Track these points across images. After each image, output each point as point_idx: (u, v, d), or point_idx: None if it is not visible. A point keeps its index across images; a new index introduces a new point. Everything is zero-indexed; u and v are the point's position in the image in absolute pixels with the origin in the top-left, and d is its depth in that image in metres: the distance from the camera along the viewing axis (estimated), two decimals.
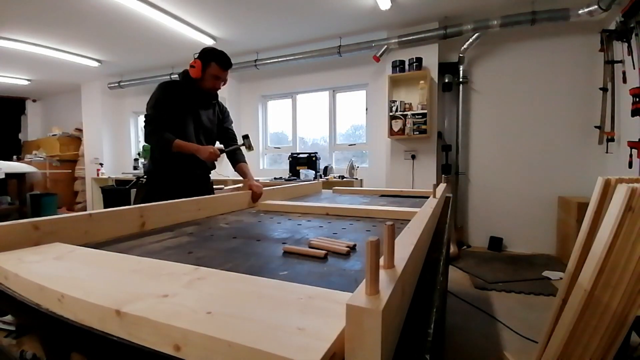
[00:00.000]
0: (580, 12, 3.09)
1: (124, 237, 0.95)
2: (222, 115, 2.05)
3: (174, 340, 0.36)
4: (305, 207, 1.46)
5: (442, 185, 1.89)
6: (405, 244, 0.53)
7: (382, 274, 0.37)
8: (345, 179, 4.19)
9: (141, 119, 6.53)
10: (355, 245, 0.82)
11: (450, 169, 3.96)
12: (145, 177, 1.94)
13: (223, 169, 5.23)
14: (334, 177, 4.25)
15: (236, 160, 1.96)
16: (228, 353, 0.32)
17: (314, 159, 4.56)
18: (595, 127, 3.35)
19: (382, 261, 0.40)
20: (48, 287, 0.48)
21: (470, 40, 3.66)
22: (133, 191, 4.76)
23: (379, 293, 0.32)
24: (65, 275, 0.54)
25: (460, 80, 3.89)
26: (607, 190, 1.43)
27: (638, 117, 2.62)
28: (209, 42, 4.28)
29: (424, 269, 0.67)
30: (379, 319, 0.28)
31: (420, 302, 0.51)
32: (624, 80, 2.92)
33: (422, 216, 0.85)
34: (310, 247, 0.80)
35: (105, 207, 5.82)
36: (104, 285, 0.50)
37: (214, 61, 1.78)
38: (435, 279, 0.61)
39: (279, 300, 0.43)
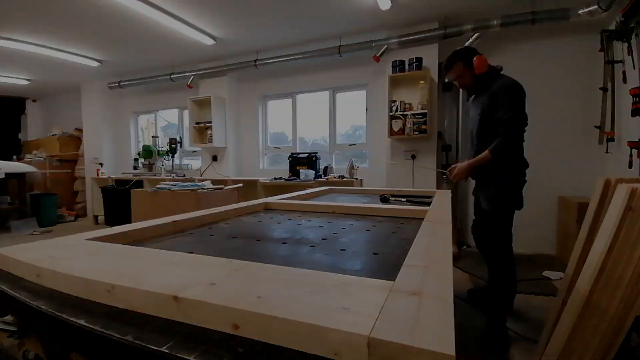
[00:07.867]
0: (580, 12, 3.09)
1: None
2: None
3: (232, 320, 0.40)
4: (305, 206, 1.47)
5: (448, 192, 1.88)
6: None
7: None
8: (345, 179, 4.19)
9: (141, 119, 6.53)
10: None
11: None
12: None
13: (223, 169, 5.24)
14: (334, 177, 4.24)
15: None
16: (286, 329, 0.37)
17: (314, 159, 4.55)
18: (595, 127, 3.35)
19: None
20: (95, 280, 0.50)
21: (471, 40, 3.66)
22: (133, 191, 4.73)
23: None
24: (107, 268, 0.56)
25: None
26: (607, 190, 1.43)
27: (638, 117, 2.62)
28: (209, 42, 4.28)
29: None
30: None
31: None
32: (624, 80, 2.92)
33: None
34: None
35: (105, 207, 5.70)
36: (151, 275, 0.52)
37: None
38: None
39: (316, 286, 0.47)
